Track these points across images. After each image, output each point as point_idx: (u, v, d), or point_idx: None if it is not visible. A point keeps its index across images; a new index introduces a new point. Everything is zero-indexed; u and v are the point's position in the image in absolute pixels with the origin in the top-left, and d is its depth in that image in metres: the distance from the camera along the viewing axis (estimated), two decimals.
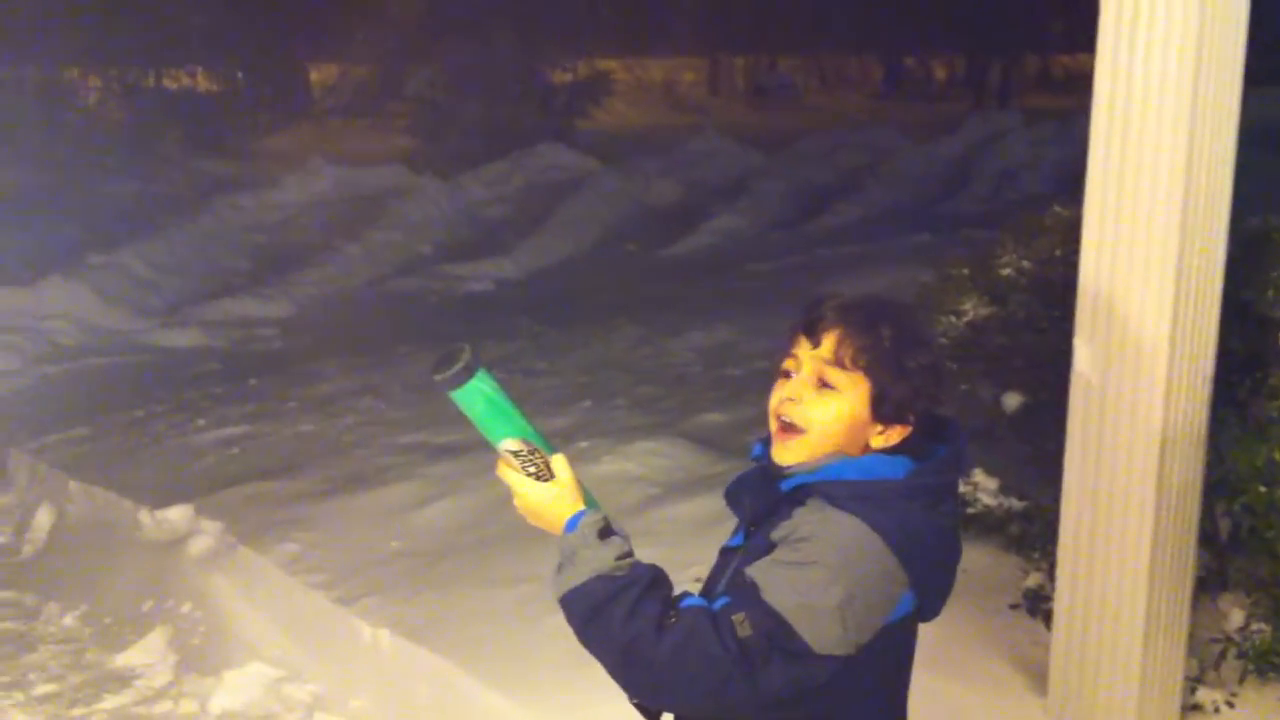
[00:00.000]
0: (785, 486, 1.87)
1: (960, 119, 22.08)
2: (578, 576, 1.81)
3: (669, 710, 1.87)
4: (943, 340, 4.20)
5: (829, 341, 1.86)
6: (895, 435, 1.87)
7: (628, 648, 1.75)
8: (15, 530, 6.10)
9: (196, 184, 15.62)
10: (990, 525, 4.07)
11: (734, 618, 1.73)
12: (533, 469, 1.94)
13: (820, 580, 1.72)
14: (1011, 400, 4.10)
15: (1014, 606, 3.87)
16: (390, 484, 5.66)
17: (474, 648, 4.15)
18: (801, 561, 1.75)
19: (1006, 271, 4.27)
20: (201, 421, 7.06)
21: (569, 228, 13.79)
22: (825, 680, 1.74)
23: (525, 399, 7.15)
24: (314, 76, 24.95)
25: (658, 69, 32.77)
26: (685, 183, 16.56)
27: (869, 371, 1.84)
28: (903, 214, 14.79)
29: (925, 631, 1.97)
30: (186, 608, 5.05)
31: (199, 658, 4.76)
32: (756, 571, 1.78)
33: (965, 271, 4.44)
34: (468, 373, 1.88)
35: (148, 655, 4.82)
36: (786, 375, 1.91)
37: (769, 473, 1.92)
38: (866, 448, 1.87)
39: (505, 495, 1.99)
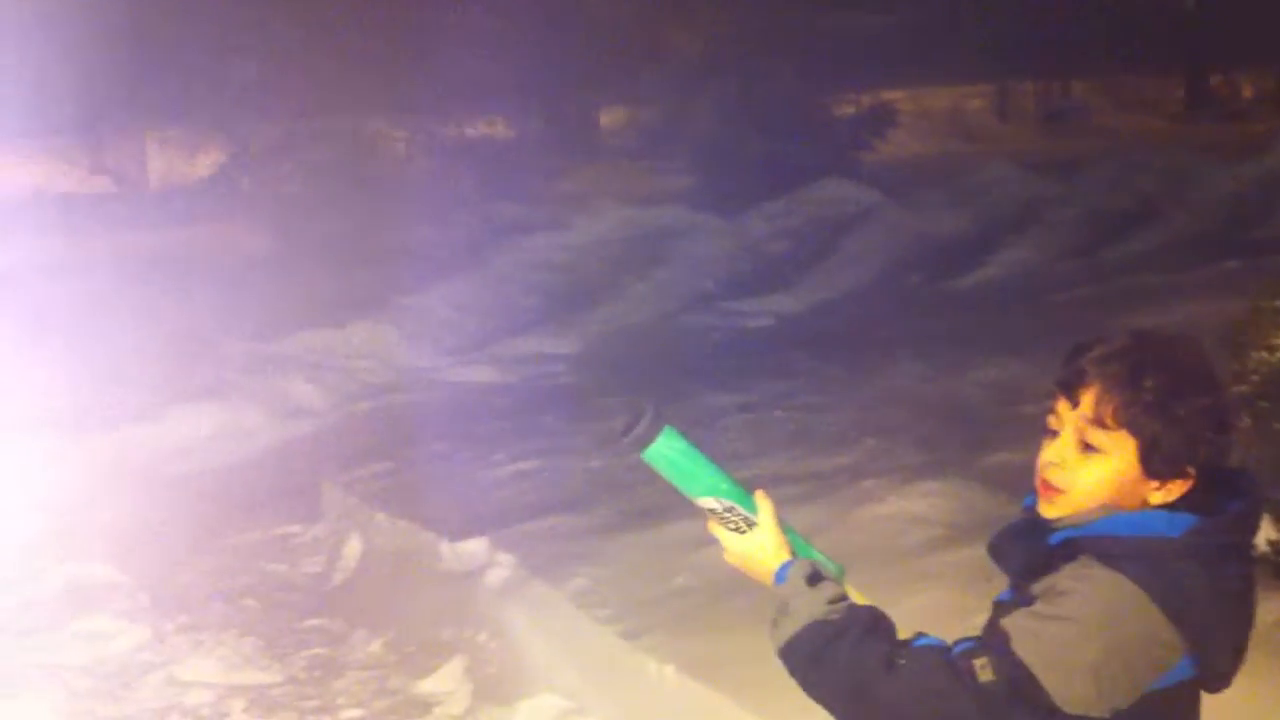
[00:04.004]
0: (1054, 540, 1.78)
1: (1271, 138, 20.74)
2: (793, 626, 1.80)
3: None
4: (1254, 377, 3.94)
5: (1088, 399, 1.75)
6: (1176, 489, 1.74)
7: (856, 690, 1.72)
8: (327, 559, 6.48)
9: (492, 227, 16.28)
10: None
11: (975, 661, 1.67)
12: (731, 526, 1.93)
13: (1075, 636, 1.64)
14: None
15: None
16: (675, 520, 5.71)
17: (759, 688, 4.13)
18: (1057, 615, 1.67)
19: None
20: (497, 456, 7.33)
21: (851, 262, 13.68)
22: None
23: (804, 436, 7.14)
24: (603, 120, 25.66)
25: (943, 97, 32.14)
26: (972, 213, 16.18)
27: (1133, 428, 1.72)
28: (1208, 240, 14.00)
29: (1234, 689, 1.84)
30: (483, 637, 5.24)
31: (494, 687, 4.93)
32: (1009, 621, 1.71)
33: (1279, 303, 4.16)
34: (649, 435, 1.90)
35: (447, 683, 5.03)
36: (1052, 433, 1.81)
37: (1038, 525, 1.83)
38: (1145, 503, 1.76)
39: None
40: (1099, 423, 1.75)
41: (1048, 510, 1.81)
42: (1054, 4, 26.45)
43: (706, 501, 1.95)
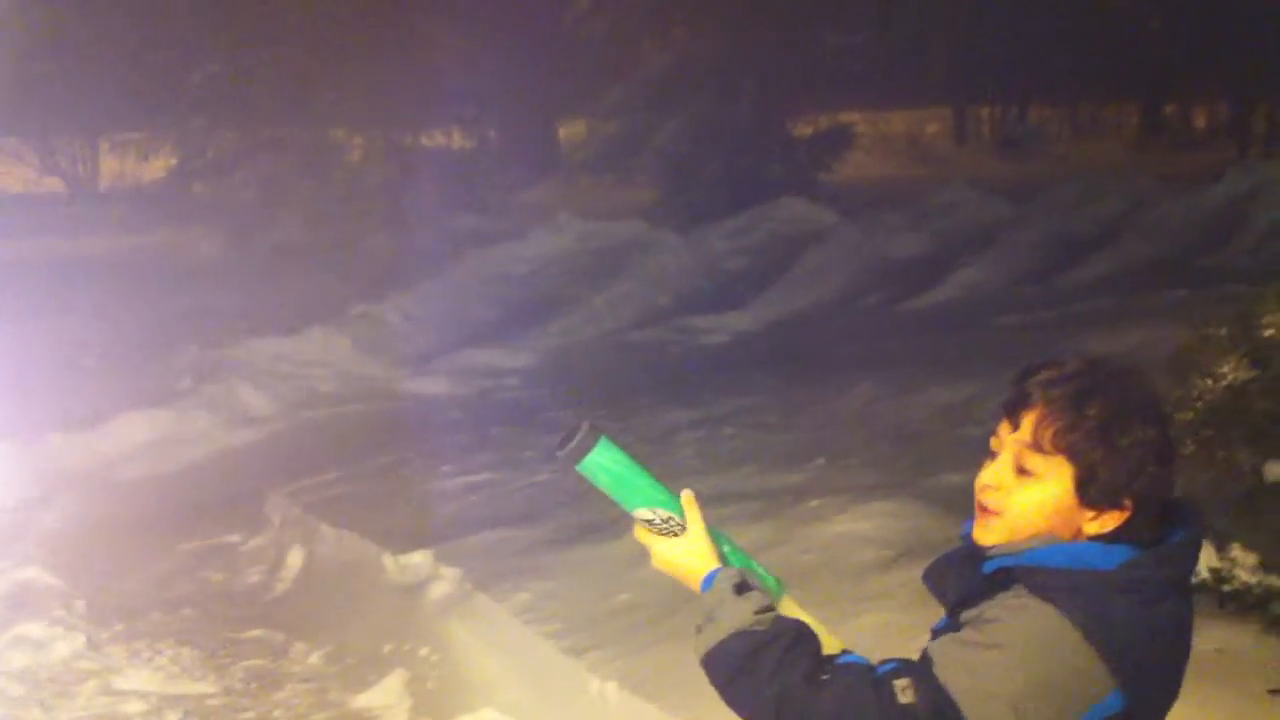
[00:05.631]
0: (987, 568, 1.74)
1: (1223, 168, 21.00)
2: (716, 635, 1.76)
3: None
4: (1199, 404, 3.96)
5: (1028, 423, 1.72)
6: (1111, 521, 1.71)
7: (778, 704, 1.68)
8: (269, 569, 6.40)
9: (450, 238, 16.22)
10: (1249, 604, 3.80)
11: (897, 682, 1.64)
12: (669, 534, 1.92)
13: (998, 665, 1.61)
14: (1274, 470, 3.83)
15: (1274, 692, 3.60)
16: (622, 536, 5.65)
17: (702, 707, 4.10)
18: (982, 643, 1.64)
19: (1269, 332, 4.00)
20: (445, 468, 7.27)
21: (808, 281, 13.72)
22: None
23: (756, 453, 7.12)
24: (563, 133, 25.67)
25: (901, 120, 32.40)
26: (929, 235, 16.26)
27: (1071, 454, 1.69)
28: (1160, 268, 14.12)
29: (1174, 717, 1.82)
30: (424, 651, 5.18)
31: (434, 701, 4.87)
32: (935, 646, 1.68)
33: (1224, 331, 4.19)
34: (585, 447, 1.88)
35: (386, 697, 4.97)
36: (994, 455, 1.78)
37: (975, 553, 1.79)
38: (1080, 533, 1.72)
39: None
40: (1037, 447, 1.72)
41: (982, 535, 1.78)
42: (1013, 31, 26.69)
43: (643, 513, 1.92)
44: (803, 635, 1.76)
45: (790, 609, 1.93)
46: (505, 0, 21.13)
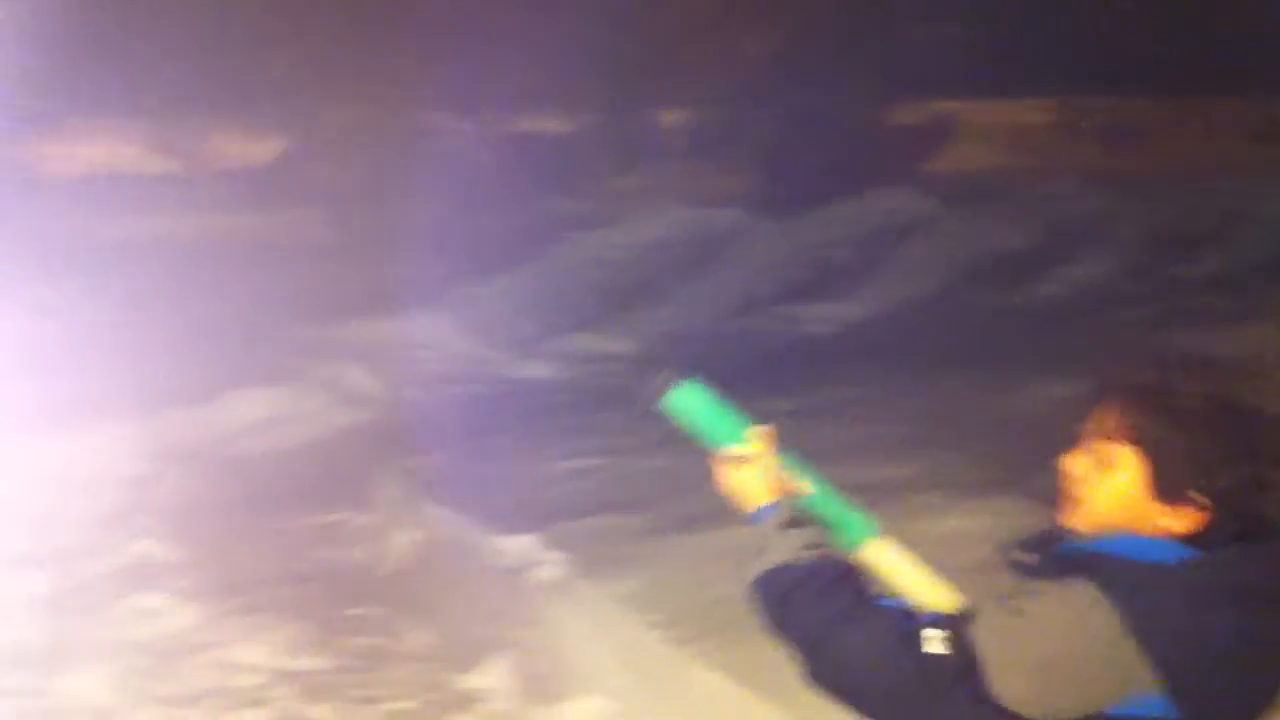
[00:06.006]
0: (1059, 551, 1.77)
1: None
2: (760, 567, 1.83)
3: (858, 715, 1.79)
4: None
5: (1107, 416, 1.78)
6: (1188, 518, 1.71)
7: (816, 636, 1.74)
8: (378, 548, 6.49)
9: (551, 222, 16.30)
10: None
11: (926, 632, 1.68)
12: None
13: (1028, 634, 1.63)
14: None
15: None
16: (730, 525, 5.58)
17: (809, 699, 4.09)
18: (1019, 610, 1.66)
19: None
20: (551, 452, 7.31)
21: (910, 272, 13.59)
22: None
23: (858, 446, 7.04)
24: (663, 120, 25.66)
25: (1007, 110, 31.90)
26: (1036, 227, 16.00)
27: (1139, 444, 1.73)
28: (1274, 265, 13.76)
29: None
30: (530, 634, 5.23)
31: (540, 685, 4.92)
32: (981, 607, 1.71)
33: None
34: (663, 390, 2.01)
35: (493, 679, 5.02)
36: (1083, 445, 1.83)
37: (1058, 536, 1.82)
38: (1157, 528, 1.73)
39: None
40: (1109, 436, 1.77)
41: (1067, 522, 1.82)
42: (1124, 21, 26.15)
43: (728, 451, 1.98)
44: (846, 573, 1.81)
45: (882, 552, 1.95)
46: None
